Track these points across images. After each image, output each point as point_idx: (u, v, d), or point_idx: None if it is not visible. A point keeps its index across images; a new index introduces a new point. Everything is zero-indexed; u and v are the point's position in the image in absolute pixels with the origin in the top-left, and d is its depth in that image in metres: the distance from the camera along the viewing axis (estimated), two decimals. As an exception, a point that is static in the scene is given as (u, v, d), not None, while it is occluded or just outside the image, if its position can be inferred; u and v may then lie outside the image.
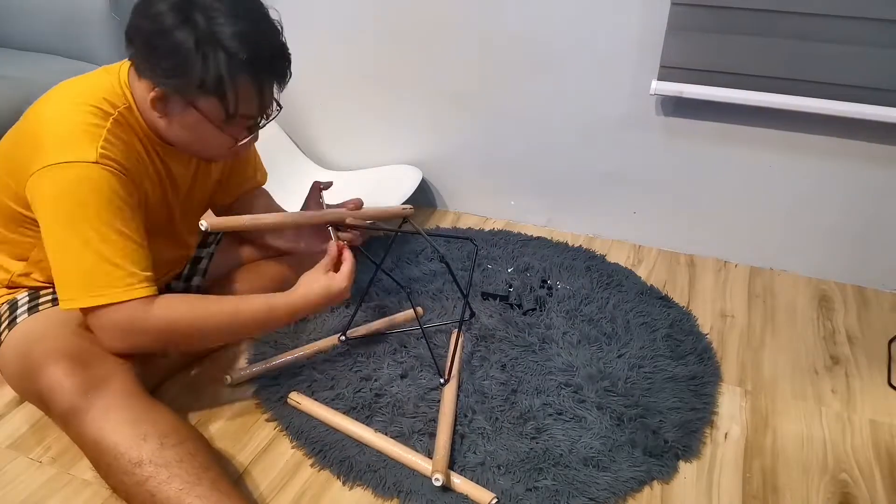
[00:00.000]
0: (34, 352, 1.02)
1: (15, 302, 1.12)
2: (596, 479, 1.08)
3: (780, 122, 1.54)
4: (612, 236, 1.83)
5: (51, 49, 1.93)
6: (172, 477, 0.91)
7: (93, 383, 0.98)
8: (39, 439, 1.15)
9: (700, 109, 1.58)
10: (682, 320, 1.47)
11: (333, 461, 1.11)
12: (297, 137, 2.04)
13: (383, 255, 1.46)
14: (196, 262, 1.37)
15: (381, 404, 1.22)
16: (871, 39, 1.35)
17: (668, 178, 1.69)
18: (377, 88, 1.86)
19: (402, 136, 1.91)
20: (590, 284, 1.58)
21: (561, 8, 1.58)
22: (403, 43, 1.76)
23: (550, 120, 1.72)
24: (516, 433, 1.16)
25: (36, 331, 1.06)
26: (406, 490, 1.06)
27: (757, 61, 1.45)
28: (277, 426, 1.19)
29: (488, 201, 1.92)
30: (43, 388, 0.99)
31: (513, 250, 1.73)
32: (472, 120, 1.81)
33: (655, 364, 1.33)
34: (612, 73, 1.61)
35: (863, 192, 1.55)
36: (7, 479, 1.08)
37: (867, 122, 1.44)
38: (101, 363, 1.02)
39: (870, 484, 1.11)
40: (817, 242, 1.64)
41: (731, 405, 1.26)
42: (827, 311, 1.55)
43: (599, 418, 1.19)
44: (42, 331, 1.05)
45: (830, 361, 1.39)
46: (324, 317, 1.45)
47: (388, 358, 1.33)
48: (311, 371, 1.29)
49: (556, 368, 1.31)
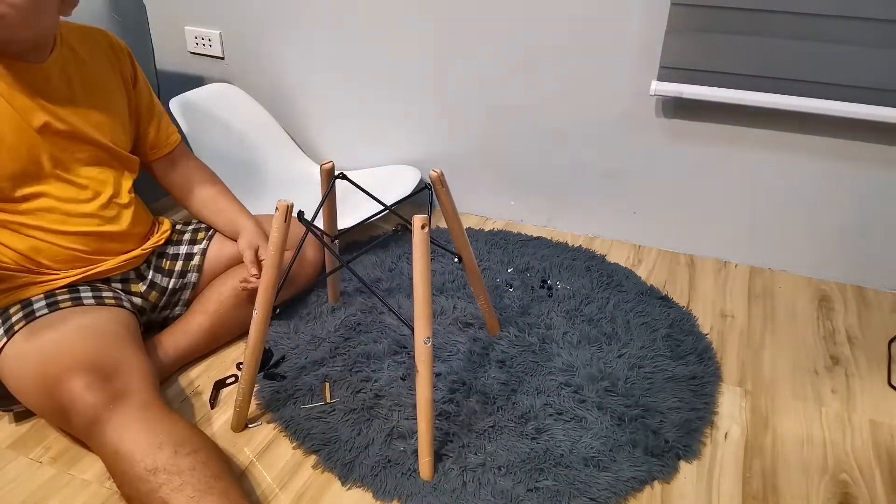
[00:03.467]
0: (52, 367, 1.03)
1: (7, 311, 1.13)
2: (597, 479, 1.08)
3: (780, 122, 1.54)
4: (612, 236, 1.83)
5: (50, 49, 1.93)
6: (185, 484, 0.92)
7: (114, 396, 1.00)
8: (39, 439, 1.15)
9: (700, 110, 1.58)
10: (682, 320, 1.47)
11: (334, 462, 1.11)
12: (296, 136, 2.04)
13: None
14: (189, 259, 1.37)
15: (382, 405, 1.22)
16: (871, 39, 1.35)
17: (668, 178, 1.69)
18: (377, 88, 1.86)
19: (401, 135, 1.91)
20: (590, 284, 1.58)
21: (561, 8, 1.58)
22: (404, 42, 1.77)
23: (551, 120, 1.72)
24: (517, 433, 1.16)
25: (53, 345, 1.06)
26: (406, 492, 1.06)
27: (757, 61, 1.45)
28: (277, 426, 1.19)
29: (488, 201, 1.92)
30: (64, 403, 1.01)
31: (513, 250, 1.73)
32: (472, 120, 1.81)
33: (655, 364, 1.33)
34: (612, 73, 1.61)
35: (863, 192, 1.55)
36: (7, 479, 1.08)
37: (867, 122, 1.44)
38: (121, 375, 1.03)
39: (870, 484, 1.11)
40: (817, 242, 1.64)
41: (731, 405, 1.27)
42: (827, 311, 1.55)
43: (600, 418, 1.19)
44: (59, 345, 1.06)
45: (830, 361, 1.39)
46: (325, 317, 1.45)
47: (388, 359, 1.33)
48: (311, 371, 1.29)
49: (556, 368, 1.31)
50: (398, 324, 1.42)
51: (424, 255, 1.00)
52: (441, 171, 1.14)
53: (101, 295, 1.19)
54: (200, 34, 1.98)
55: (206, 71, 2.04)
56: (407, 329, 1.40)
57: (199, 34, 1.98)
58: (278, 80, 1.97)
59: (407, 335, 1.39)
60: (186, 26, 1.99)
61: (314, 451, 1.14)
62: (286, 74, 1.95)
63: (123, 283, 1.28)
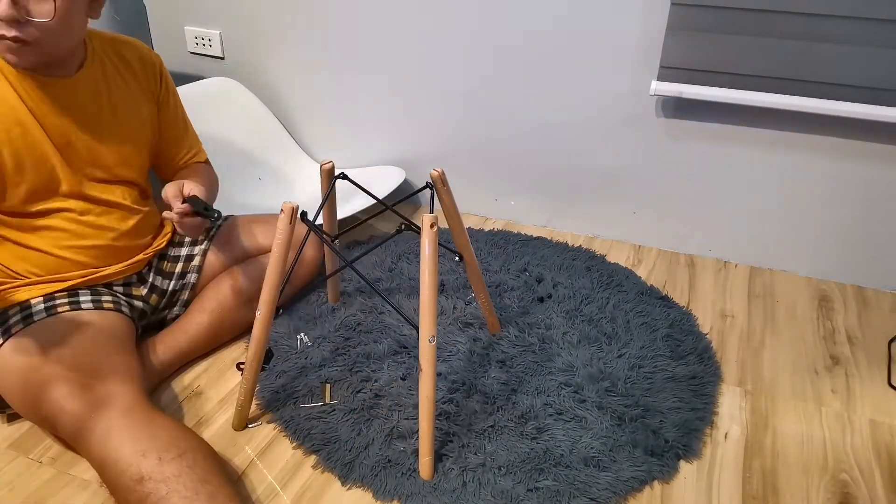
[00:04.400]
0: (34, 377, 1.02)
1: (6, 312, 1.13)
2: (597, 479, 1.08)
3: (780, 122, 1.54)
4: (612, 236, 1.83)
5: (50, 49, 1.93)
6: (171, 492, 0.91)
7: (95, 404, 0.99)
8: (39, 439, 1.15)
9: (700, 110, 1.58)
10: (682, 320, 1.47)
11: (334, 462, 1.11)
12: (297, 136, 2.04)
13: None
14: (189, 260, 1.37)
15: (382, 405, 1.22)
16: (871, 39, 1.35)
17: (668, 178, 1.69)
18: (377, 88, 1.86)
19: (401, 135, 1.91)
20: (590, 284, 1.58)
21: (561, 8, 1.58)
22: (404, 42, 1.77)
23: (551, 120, 1.72)
24: (517, 433, 1.16)
25: (36, 354, 1.05)
26: (406, 492, 1.06)
27: (757, 61, 1.45)
28: (277, 426, 1.19)
29: (488, 201, 1.92)
30: (48, 413, 1.01)
31: (513, 250, 1.73)
32: (472, 120, 1.81)
33: (655, 364, 1.33)
34: (612, 73, 1.61)
35: (863, 192, 1.55)
36: (7, 479, 1.08)
37: (867, 122, 1.44)
38: (103, 382, 1.02)
39: (870, 484, 1.11)
40: (817, 242, 1.64)
41: (731, 405, 1.27)
42: (827, 311, 1.55)
43: (600, 418, 1.19)
44: (42, 353, 1.05)
45: (830, 361, 1.39)
46: (325, 317, 1.45)
47: (388, 359, 1.33)
48: (311, 372, 1.29)
49: (556, 368, 1.31)
50: (398, 324, 1.42)
51: (433, 254, 1.00)
52: (442, 170, 1.14)
53: (99, 299, 1.19)
54: (200, 34, 1.98)
55: (206, 71, 2.04)
56: (407, 329, 1.40)
57: (199, 34, 1.98)
58: (277, 79, 1.97)
59: (407, 335, 1.39)
60: (186, 26, 2.00)
61: (314, 451, 1.14)
62: (286, 74, 1.95)
63: (125, 287, 1.28)
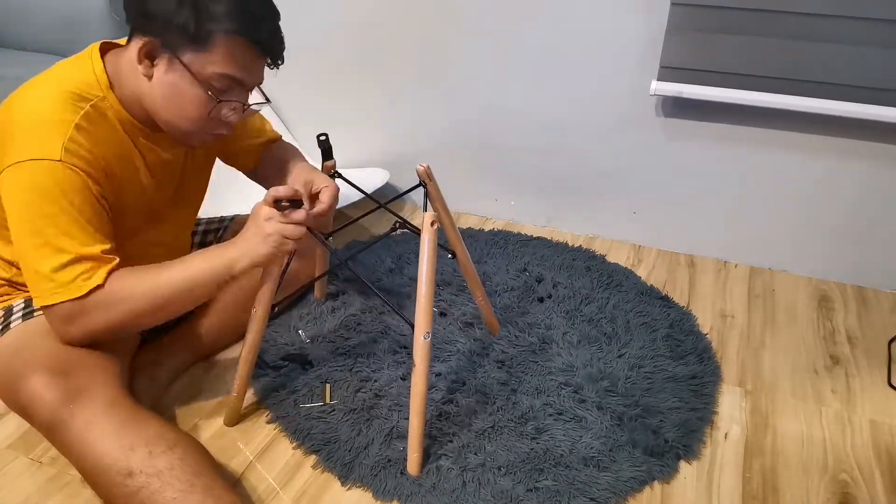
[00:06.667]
0: (15, 364, 1.01)
1: (10, 308, 1.11)
2: (596, 479, 1.08)
3: (780, 122, 1.54)
4: (612, 236, 1.83)
5: (51, 49, 1.93)
6: (165, 486, 0.90)
7: (73, 394, 0.96)
8: (39, 439, 1.14)
9: (700, 110, 1.58)
10: (682, 320, 1.47)
11: (334, 462, 1.11)
12: (296, 135, 2.04)
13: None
14: None
15: (382, 405, 1.22)
16: (871, 39, 1.35)
17: (668, 178, 1.69)
18: (377, 88, 1.86)
19: (401, 135, 1.91)
20: (590, 284, 1.58)
21: (561, 8, 1.58)
22: (404, 42, 1.76)
23: (551, 120, 1.72)
24: (517, 433, 1.16)
25: (19, 341, 1.04)
26: (406, 492, 1.06)
27: (757, 61, 1.45)
28: (277, 426, 1.19)
29: (488, 201, 1.92)
30: (24, 401, 0.98)
31: (513, 250, 1.73)
32: (472, 120, 1.80)
33: (655, 364, 1.33)
34: (612, 73, 1.61)
35: (863, 192, 1.55)
36: (7, 479, 1.08)
37: (867, 121, 1.44)
38: (82, 372, 0.99)
39: (870, 484, 1.11)
40: (817, 242, 1.64)
41: (731, 405, 1.27)
42: (827, 312, 1.55)
43: (600, 418, 1.19)
44: (25, 341, 1.04)
45: (830, 361, 1.39)
46: (325, 317, 1.45)
47: (388, 358, 1.33)
48: (311, 371, 1.29)
49: (556, 368, 1.31)
50: (398, 324, 1.42)
51: (432, 253, 1.00)
52: (427, 165, 1.12)
53: None
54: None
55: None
56: (407, 329, 1.40)
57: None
58: (277, 79, 1.96)
59: (407, 335, 1.39)
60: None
61: (314, 451, 1.14)
62: (286, 74, 1.94)
63: None
